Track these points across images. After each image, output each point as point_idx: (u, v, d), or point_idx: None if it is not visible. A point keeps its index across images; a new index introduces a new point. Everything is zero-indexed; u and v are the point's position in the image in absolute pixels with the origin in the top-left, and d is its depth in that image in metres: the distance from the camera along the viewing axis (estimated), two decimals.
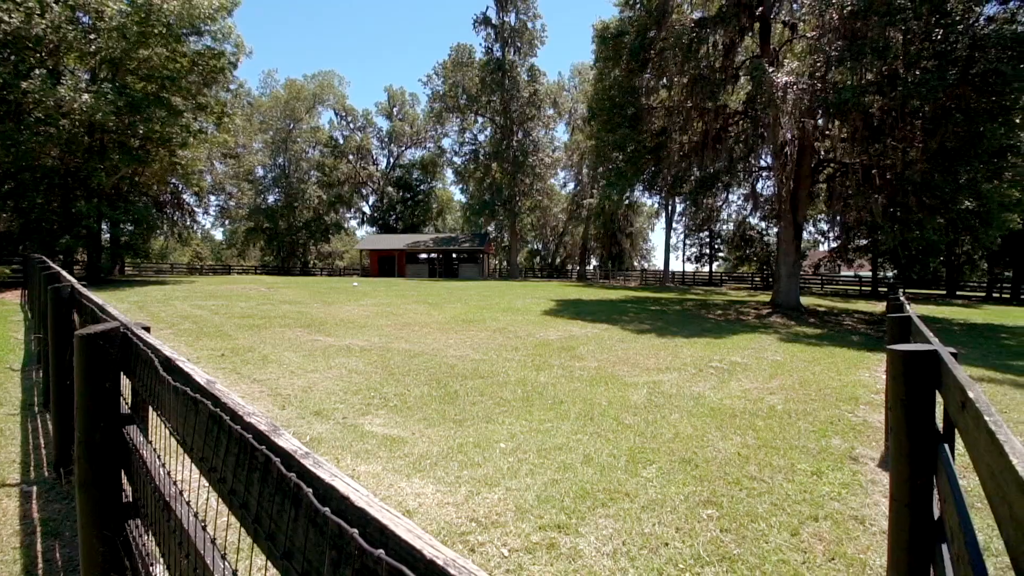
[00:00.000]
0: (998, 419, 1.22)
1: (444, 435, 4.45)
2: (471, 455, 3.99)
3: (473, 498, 3.29)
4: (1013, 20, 13.26)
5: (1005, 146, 13.79)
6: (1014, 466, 0.94)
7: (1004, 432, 1.13)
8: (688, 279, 45.27)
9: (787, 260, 17.57)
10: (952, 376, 1.67)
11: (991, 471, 1.15)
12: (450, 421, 4.83)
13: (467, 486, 3.46)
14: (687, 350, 9.10)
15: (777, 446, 4.30)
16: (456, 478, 3.58)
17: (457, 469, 3.74)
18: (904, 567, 2.06)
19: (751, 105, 17.36)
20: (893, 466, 2.12)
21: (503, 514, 3.09)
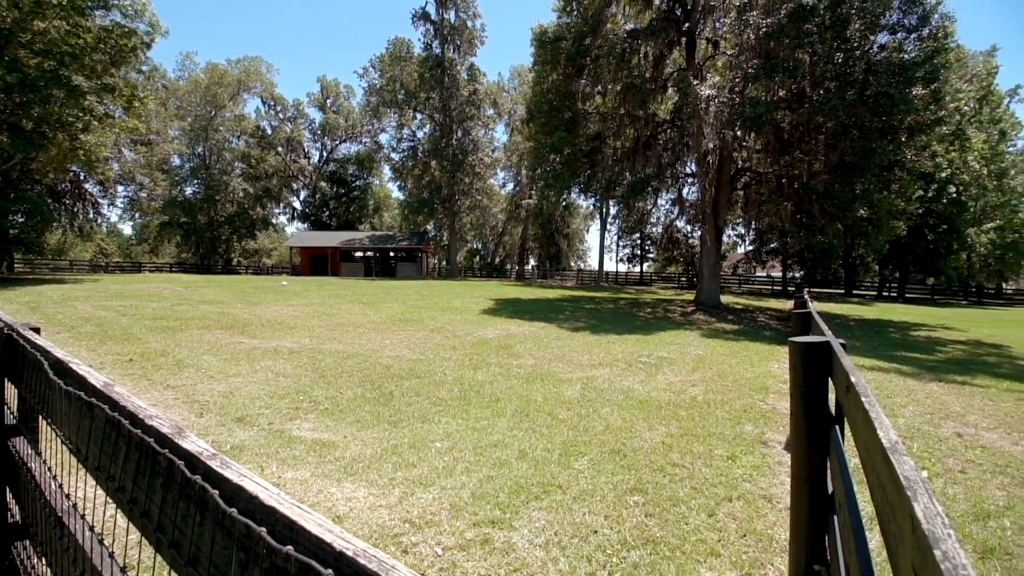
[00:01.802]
0: (873, 400, 1.39)
1: (378, 437, 4.35)
2: (406, 456, 3.94)
3: (407, 499, 3.25)
4: (900, 49, 14.98)
5: (893, 161, 15.57)
6: (880, 439, 1.08)
7: (876, 411, 1.29)
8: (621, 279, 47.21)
9: (709, 261, 18.78)
10: (840, 364, 1.87)
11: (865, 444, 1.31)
12: (385, 423, 4.73)
13: (401, 487, 3.41)
14: (619, 346, 9.48)
15: (697, 434, 4.60)
16: (390, 480, 3.52)
17: (391, 471, 3.67)
18: (803, 537, 2.28)
19: (678, 115, 18.36)
20: (794, 448, 2.33)
21: (437, 513, 3.07)
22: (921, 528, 0.71)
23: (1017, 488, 3.68)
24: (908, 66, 14.00)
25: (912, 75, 13.81)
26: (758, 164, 19.25)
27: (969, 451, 4.40)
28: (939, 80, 14.34)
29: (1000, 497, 3.53)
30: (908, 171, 16.42)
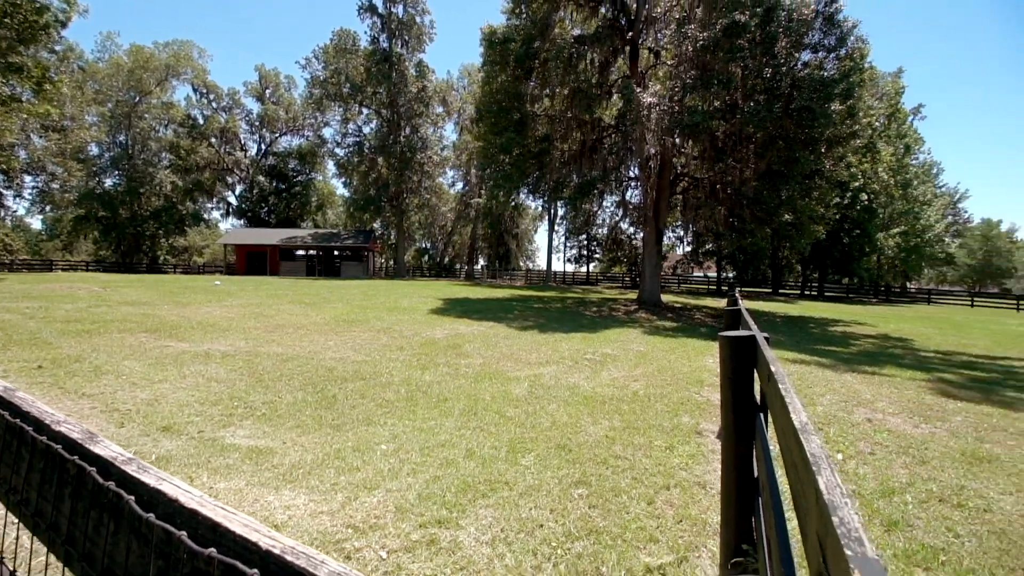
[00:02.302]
0: (789, 387, 1.51)
1: (320, 442, 4.20)
2: (349, 460, 3.83)
3: (350, 504, 3.16)
4: (821, 67, 16.24)
5: (814, 170, 16.88)
6: (793, 422, 1.18)
7: (791, 397, 1.40)
8: (569, 278, 48.19)
9: (651, 262, 19.55)
10: (763, 356, 2.01)
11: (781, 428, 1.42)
12: (327, 427, 4.58)
13: (344, 492, 3.31)
14: (565, 344, 9.68)
15: (639, 427, 4.79)
16: (332, 485, 3.41)
17: (333, 476, 3.56)
18: (732, 520, 2.42)
19: (622, 121, 18.98)
20: (723, 436, 2.48)
21: (382, 516, 3.02)
22: (823, 498, 0.79)
23: (917, 467, 4.10)
24: (828, 83, 15.21)
25: (831, 91, 15.01)
26: (695, 170, 20.26)
27: (877, 434, 4.86)
28: (854, 97, 15.68)
29: (903, 475, 3.92)
30: (827, 180, 17.85)
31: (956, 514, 3.32)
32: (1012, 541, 3.00)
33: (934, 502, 3.48)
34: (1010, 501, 3.52)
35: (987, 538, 3.03)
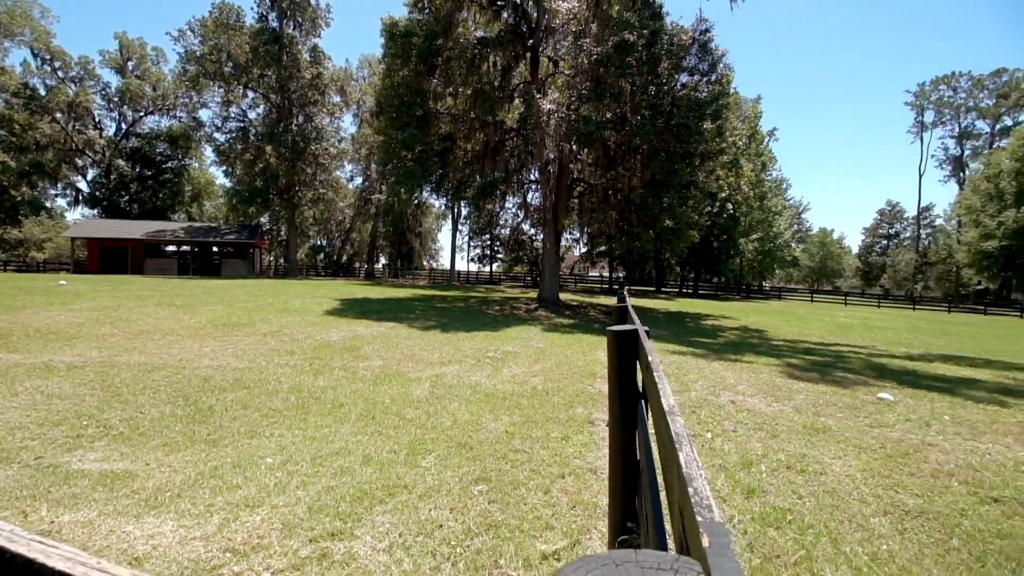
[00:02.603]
0: (661, 375, 1.67)
1: (192, 460, 3.77)
2: (228, 478, 3.49)
3: (229, 526, 2.88)
4: (696, 89, 18.10)
5: (690, 181, 18.77)
6: (662, 403, 1.31)
7: (663, 383, 1.55)
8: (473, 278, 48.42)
9: (550, 262, 20.36)
10: (643, 347, 2.20)
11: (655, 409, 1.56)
12: (201, 443, 4.12)
13: (221, 514, 3.01)
14: (468, 343, 9.72)
15: (537, 420, 4.97)
16: (207, 507, 3.08)
17: (209, 496, 3.22)
18: (619, 501, 2.60)
19: (523, 125, 19.51)
20: (610, 423, 2.66)
21: (267, 535, 2.79)
22: (682, 471, 0.89)
23: (770, 440, 4.75)
24: (702, 103, 17.01)
25: (704, 111, 16.80)
26: (590, 176, 21.47)
27: (739, 414, 5.55)
28: (723, 118, 17.71)
29: (759, 448, 4.52)
30: (700, 190, 19.98)
31: (799, 479, 3.90)
32: (841, 497, 3.60)
33: (783, 470, 4.05)
34: (839, 464, 4.22)
35: (823, 497, 3.60)
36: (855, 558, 2.82)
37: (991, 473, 4.12)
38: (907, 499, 3.59)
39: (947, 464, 4.28)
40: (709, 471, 3.94)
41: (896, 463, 4.27)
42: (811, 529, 3.12)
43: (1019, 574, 2.73)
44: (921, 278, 60.30)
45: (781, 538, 3.00)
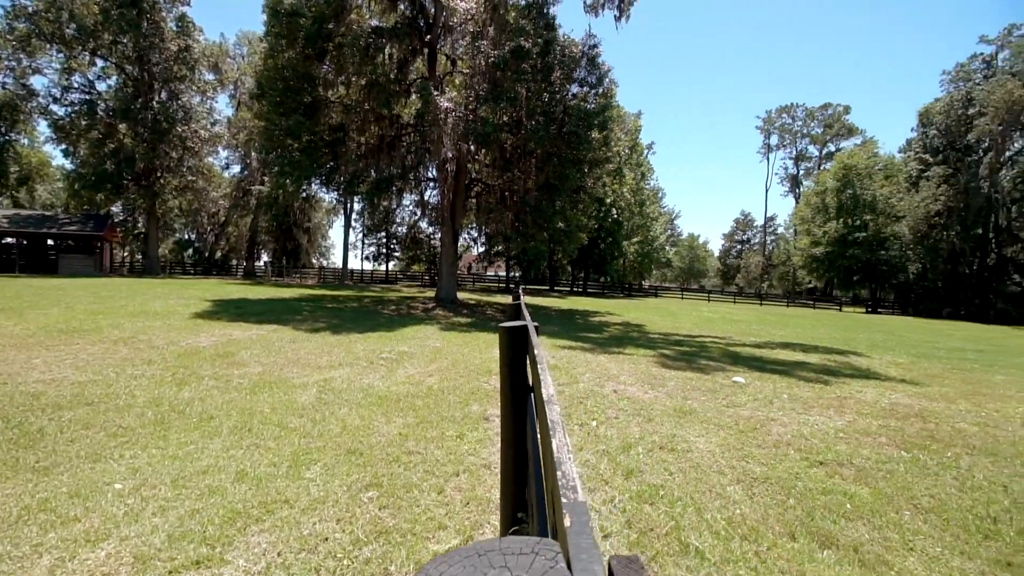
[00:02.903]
0: (545, 367, 1.75)
1: (14, 493, 3.14)
2: (64, 510, 2.96)
3: (63, 566, 2.45)
4: (585, 100, 19.19)
5: (579, 186, 19.89)
6: (543, 395, 1.37)
7: (545, 375, 1.63)
8: (368, 277, 46.37)
9: (448, 261, 20.27)
10: (531, 342, 2.29)
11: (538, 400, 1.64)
12: (28, 471, 3.45)
13: (54, 553, 2.55)
14: (361, 345, 9.31)
15: (432, 420, 4.92)
16: (34, 547, 2.59)
17: (37, 534, 2.71)
18: (510, 493, 2.67)
19: (421, 121, 19.18)
20: (502, 417, 2.73)
21: (114, 572, 2.42)
22: (553, 456, 0.94)
23: (646, 424, 5.21)
24: (590, 113, 18.10)
25: (592, 121, 17.89)
26: (488, 177, 21.76)
27: (620, 402, 6.01)
28: (608, 128, 19.01)
29: (637, 432, 4.93)
30: (589, 195, 21.27)
31: (670, 457, 4.33)
32: (704, 471, 4.07)
33: (657, 450, 4.47)
34: (702, 441, 4.76)
35: (689, 472, 4.04)
36: (714, 523, 3.21)
37: (818, 440, 4.94)
38: (755, 467, 4.17)
39: (785, 435, 5.05)
40: (594, 456, 4.22)
41: (747, 437, 4.93)
42: (679, 502, 3.49)
43: (837, 523, 3.31)
44: (767, 277, 70.32)
45: (655, 512, 3.31)
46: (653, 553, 2.82)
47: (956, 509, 3.57)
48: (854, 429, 5.39)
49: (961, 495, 3.83)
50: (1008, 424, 5.92)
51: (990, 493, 3.88)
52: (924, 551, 3.00)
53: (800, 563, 2.80)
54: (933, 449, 4.85)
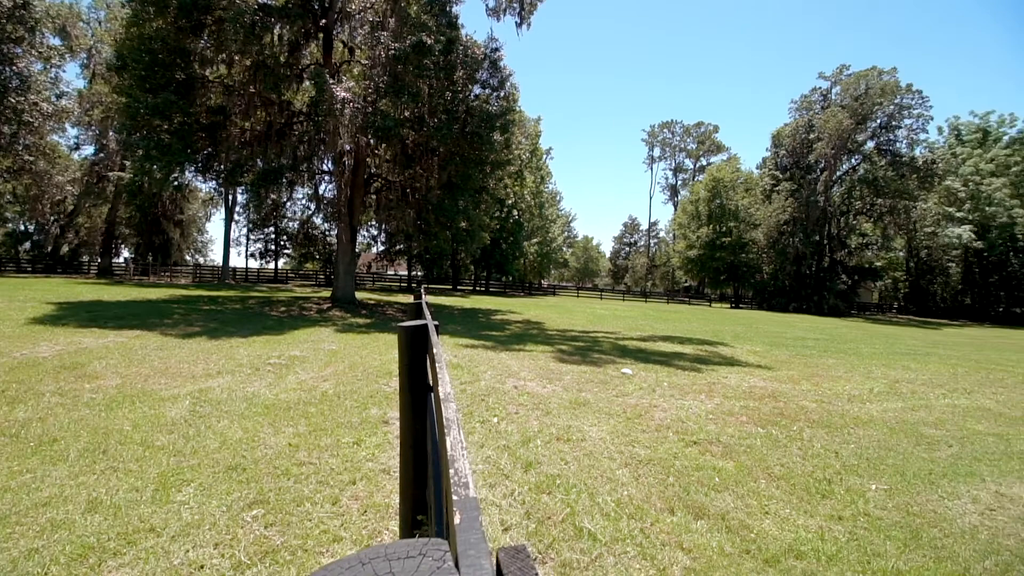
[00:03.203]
0: (443, 365, 1.76)
1: None
2: None
3: None
4: (488, 102, 19.38)
5: (482, 187, 20.07)
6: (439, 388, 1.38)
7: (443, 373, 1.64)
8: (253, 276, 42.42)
9: (345, 259, 19.29)
10: (431, 340, 2.28)
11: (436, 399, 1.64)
12: None
13: None
14: (244, 350, 8.51)
15: (326, 428, 4.66)
16: None
17: None
18: (410, 495, 2.63)
19: (315, 110, 17.99)
20: (401, 418, 2.68)
21: None
22: (448, 453, 0.96)
23: (544, 417, 5.42)
24: (493, 115, 18.33)
25: (495, 123, 18.14)
26: (388, 173, 21.07)
27: (521, 397, 6.19)
28: (510, 131, 19.41)
29: (536, 425, 5.11)
30: (491, 196, 21.57)
31: (566, 447, 4.55)
32: (596, 458, 4.33)
33: (554, 441, 4.67)
34: (595, 430, 5.07)
35: (583, 459, 4.27)
36: (605, 506, 3.44)
37: (692, 423, 5.51)
38: (640, 451, 4.54)
39: (666, 420, 5.56)
40: (495, 451, 4.30)
41: (633, 423, 5.35)
42: (574, 489, 3.69)
43: (708, 495, 3.72)
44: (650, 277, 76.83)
45: (552, 501, 3.46)
46: (550, 540, 2.95)
47: (800, 475, 4.21)
48: (721, 411, 6.11)
49: (804, 462, 4.52)
50: (838, 400, 7.10)
51: (825, 459, 4.63)
52: (777, 513, 3.49)
53: (679, 534, 3.11)
54: (782, 424, 5.66)
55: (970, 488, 4.11)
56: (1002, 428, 6.05)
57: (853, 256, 45.48)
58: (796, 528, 3.28)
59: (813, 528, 3.30)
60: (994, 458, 4.90)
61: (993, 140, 47.12)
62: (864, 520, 3.44)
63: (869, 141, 42.13)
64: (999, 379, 9.87)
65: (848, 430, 5.59)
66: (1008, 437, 5.67)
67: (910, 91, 39.99)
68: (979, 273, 45.99)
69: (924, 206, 42.50)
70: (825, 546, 3.05)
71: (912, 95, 40.02)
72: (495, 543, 2.89)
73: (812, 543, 3.08)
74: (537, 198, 46.31)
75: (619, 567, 2.72)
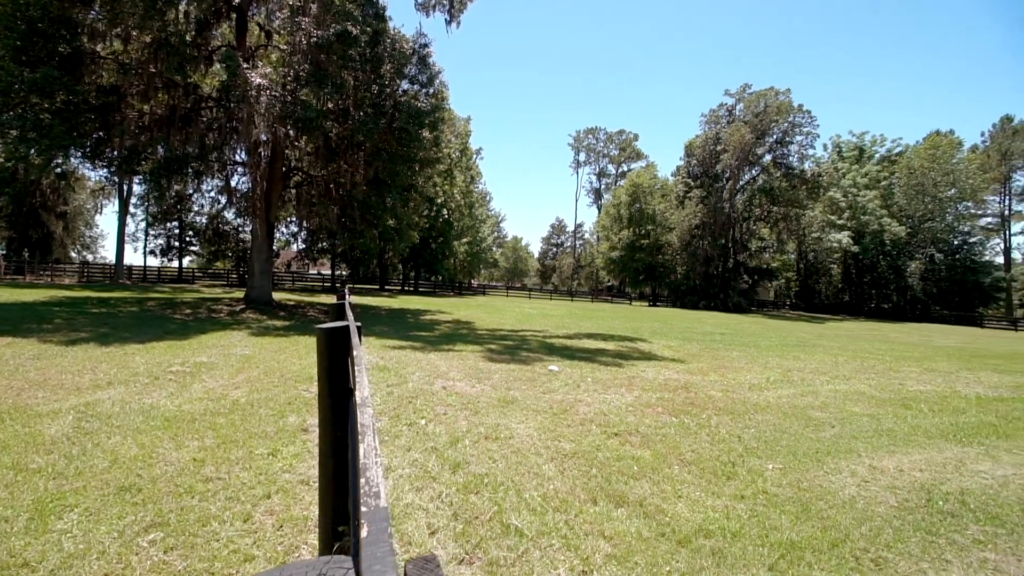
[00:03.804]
0: (363, 368, 1.71)
1: None
2: None
3: None
4: (416, 98, 19.01)
5: (411, 184, 19.67)
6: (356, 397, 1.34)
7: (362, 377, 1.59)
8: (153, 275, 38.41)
9: (261, 257, 18.05)
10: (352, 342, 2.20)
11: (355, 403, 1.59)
12: None
13: None
14: (141, 357, 7.70)
15: (237, 439, 4.33)
16: None
17: None
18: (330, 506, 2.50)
19: (226, 95, 16.62)
20: (320, 425, 2.55)
21: None
22: (360, 461, 0.93)
23: (473, 416, 5.41)
24: (422, 112, 18.01)
25: (423, 120, 17.84)
26: (310, 167, 20.01)
27: (450, 398, 6.14)
28: (439, 129, 19.19)
29: (464, 425, 5.10)
30: (420, 194, 21.20)
31: (494, 446, 4.58)
32: (524, 455, 4.40)
33: (482, 440, 4.68)
34: (523, 427, 5.15)
35: (511, 457, 4.32)
36: (532, 501, 3.51)
37: (613, 415, 5.77)
38: (565, 445, 4.68)
39: (590, 413, 5.78)
40: (422, 454, 4.23)
41: (559, 419, 5.51)
42: (502, 486, 3.72)
43: (627, 483, 3.91)
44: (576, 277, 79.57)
45: (480, 501, 3.47)
46: (477, 540, 2.96)
47: (708, 459, 4.55)
48: (639, 403, 6.46)
49: (712, 447, 4.89)
50: (741, 389, 7.77)
51: (730, 443, 5.04)
52: (688, 496, 3.75)
53: (600, 524, 3.24)
54: (693, 413, 6.10)
55: (849, 463, 4.66)
56: (874, 409, 6.94)
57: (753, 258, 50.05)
58: (705, 509, 3.55)
59: (720, 508, 3.58)
60: (868, 436, 5.60)
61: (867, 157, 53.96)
62: (763, 498, 3.79)
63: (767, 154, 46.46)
64: (871, 366, 11.31)
65: (749, 416, 6.13)
66: (879, 417, 6.50)
67: (801, 111, 44.62)
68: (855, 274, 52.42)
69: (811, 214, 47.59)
70: (730, 524, 3.33)
71: (803, 115, 44.68)
72: (421, 548, 2.85)
73: (719, 522, 3.34)
74: (467, 198, 46.19)
75: (545, 560, 2.78)
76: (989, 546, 3.24)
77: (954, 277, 46.93)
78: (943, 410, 7.09)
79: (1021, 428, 6.29)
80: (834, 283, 55.20)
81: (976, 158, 50.54)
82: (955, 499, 3.94)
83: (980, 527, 3.49)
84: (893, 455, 4.97)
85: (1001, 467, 4.77)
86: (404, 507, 3.29)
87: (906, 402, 7.49)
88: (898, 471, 4.52)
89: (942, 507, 3.78)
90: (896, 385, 8.94)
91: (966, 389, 8.90)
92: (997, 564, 3.03)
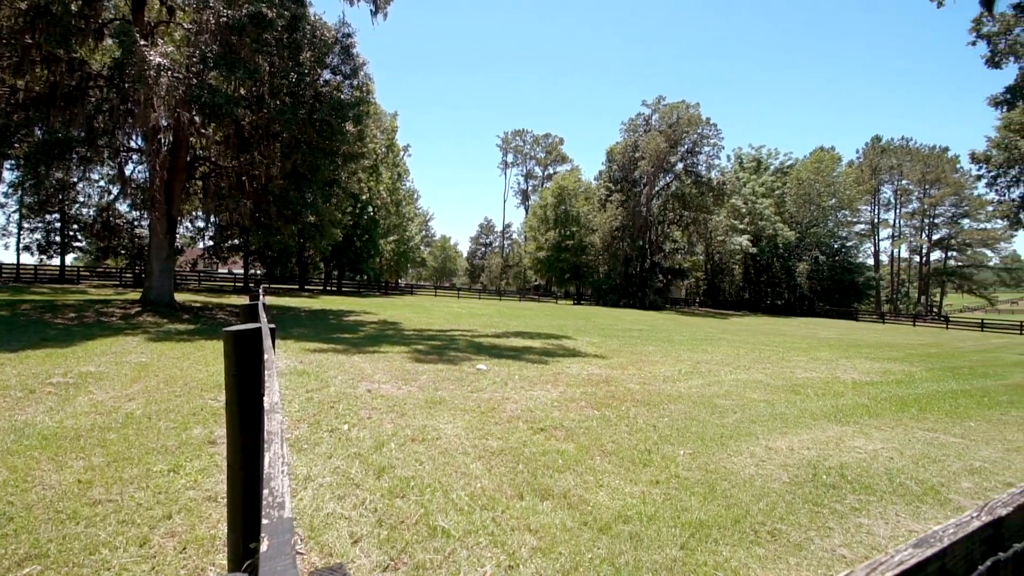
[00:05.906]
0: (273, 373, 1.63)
1: None
2: None
3: None
4: (339, 89, 18.20)
5: (333, 179, 18.81)
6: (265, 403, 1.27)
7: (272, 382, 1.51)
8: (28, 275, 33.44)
9: (160, 255, 16.38)
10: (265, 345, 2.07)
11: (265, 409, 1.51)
12: None
13: None
14: (13, 368, 6.70)
15: (131, 456, 3.91)
16: None
17: None
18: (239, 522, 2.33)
19: (119, 74, 14.87)
20: (229, 435, 2.37)
21: None
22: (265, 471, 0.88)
23: (399, 419, 5.30)
24: (345, 104, 17.28)
25: (346, 113, 17.13)
26: (219, 156, 18.47)
27: (375, 401, 5.96)
28: (363, 123, 18.55)
29: (390, 428, 4.96)
30: (343, 190, 20.35)
31: (422, 447, 4.51)
32: (451, 455, 4.36)
33: (409, 443, 4.60)
34: (450, 427, 5.12)
35: (438, 458, 4.28)
36: (459, 501, 3.50)
37: (539, 411, 5.90)
38: (493, 443, 4.72)
39: (516, 411, 5.87)
40: (344, 461, 4.08)
41: (487, 417, 5.54)
42: (429, 488, 3.68)
43: (552, 477, 4.01)
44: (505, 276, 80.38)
45: (405, 504, 3.41)
46: (403, 544, 2.91)
47: (627, 449, 4.80)
48: (564, 398, 6.67)
49: (630, 437, 5.16)
50: (656, 381, 8.27)
51: (646, 433, 5.35)
52: (609, 485, 3.93)
53: (527, 518, 3.31)
54: (613, 406, 6.40)
55: (749, 445, 5.13)
56: (769, 395, 7.69)
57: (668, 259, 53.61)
58: (624, 496, 3.74)
59: (637, 494, 3.79)
60: (764, 419, 6.20)
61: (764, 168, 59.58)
62: (675, 482, 4.07)
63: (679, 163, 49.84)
64: (767, 357, 12.51)
65: (664, 406, 6.55)
66: (773, 402, 7.22)
67: (708, 124, 48.30)
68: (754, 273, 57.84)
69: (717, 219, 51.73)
70: (647, 508, 3.54)
71: (710, 127, 48.39)
72: (343, 558, 2.74)
73: (636, 507, 3.54)
74: (394, 195, 44.99)
75: (472, 559, 2.80)
76: (863, 512, 3.72)
77: (834, 276, 53.40)
78: (826, 394, 8.02)
79: (887, 408, 7.27)
80: (736, 282, 60.49)
81: (852, 172, 57.85)
82: (836, 473, 4.48)
83: (856, 496, 3.99)
84: (785, 436, 5.54)
85: (872, 442, 5.48)
86: (325, 517, 3.15)
87: (796, 388, 8.38)
88: (789, 450, 5.05)
89: (825, 480, 4.28)
90: (788, 373, 9.97)
91: (844, 375, 10.12)
92: (870, 528, 3.48)
